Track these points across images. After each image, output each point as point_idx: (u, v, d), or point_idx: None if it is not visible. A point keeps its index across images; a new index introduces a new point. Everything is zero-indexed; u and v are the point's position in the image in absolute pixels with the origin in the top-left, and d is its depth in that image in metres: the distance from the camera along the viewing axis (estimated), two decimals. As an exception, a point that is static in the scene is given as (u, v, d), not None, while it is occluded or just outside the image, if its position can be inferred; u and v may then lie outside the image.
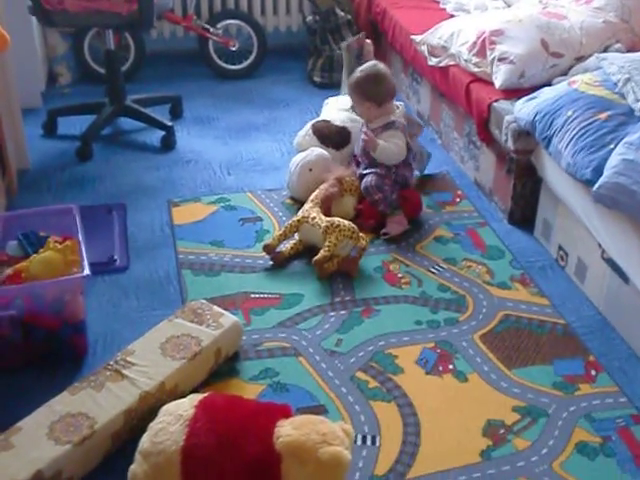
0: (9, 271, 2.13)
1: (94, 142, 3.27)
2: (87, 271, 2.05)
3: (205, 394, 1.82)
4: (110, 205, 2.87)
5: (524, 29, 2.84)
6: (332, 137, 3.04)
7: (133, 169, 3.15)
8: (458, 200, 2.93)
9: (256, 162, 3.22)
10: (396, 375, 2.09)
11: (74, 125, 3.46)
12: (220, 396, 1.82)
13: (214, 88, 3.98)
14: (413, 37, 3.31)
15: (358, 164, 2.87)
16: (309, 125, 3.09)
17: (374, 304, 2.37)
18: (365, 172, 2.78)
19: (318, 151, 2.92)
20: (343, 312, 2.33)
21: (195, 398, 1.79)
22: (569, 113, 2.35)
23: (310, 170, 2.85)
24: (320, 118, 3.13)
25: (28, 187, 3.00)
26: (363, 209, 2.77)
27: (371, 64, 2.84)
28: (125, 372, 1.93)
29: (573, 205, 2.38)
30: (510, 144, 2.60)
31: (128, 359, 1.97)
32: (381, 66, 2.82)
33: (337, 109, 3.18)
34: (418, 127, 3.02)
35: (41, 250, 2.16)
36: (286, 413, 1.76)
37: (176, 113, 3.61)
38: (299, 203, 2.83)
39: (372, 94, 2.76)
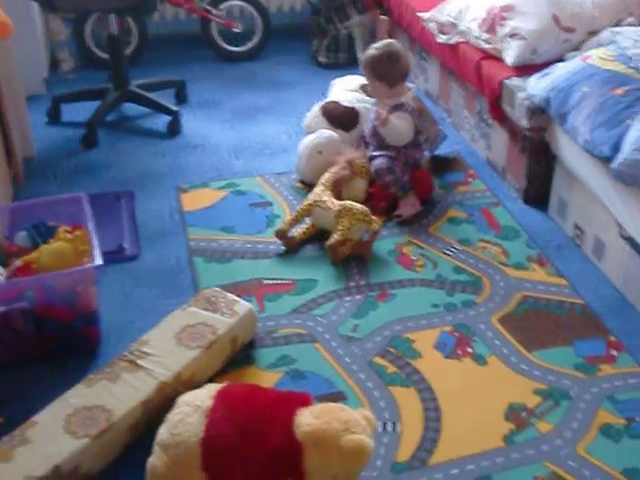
0: (19, 262, 2.10)
1: (99, 129, 3.23)
2: (99, 261, 2.01)
3: (223, 384, 1.80)
4: (118, 193, 2.83)
5: (535, 4, 2.78)
6: (341, 118, 2.99)
7: (139, 155, 3.11)
8: (470, 180, 2.88)
9: (264, 145, 3.17)
10: (414, 360, 2.06)
11: (78, 112, 3.41)
12: (238, 386, 1.80)
13: (218, 71, 3.93)
14: (420, 14, 3.25)
15: (367, 146, 2.82)
16: (317, 106, 3.04)
17: (389, 288, 2.34)
18: (375, 154, 2.74)
19: (327, 133, 2.87)
20: (358, 297, 2.30)
21: (213, 388, 1.76)
22: (584, 89, 2.30)
23: (320, 152, 2.81)
24: (328, 99, 3.09)
25: (34, 176, 2.96)
26: (374, 192, 2.73)
27: (386, 42, 2.78)
28: (140, 362, 1.90)
29: (590, 182, 2.33)
30: (524, 122, 2.56)
31: (143, 349, 1.95)
32: (397, 46, 2.75)
33: (345, 90, 3.13)
34: (432, 124, 2.93)
35: (51, 240, 2.13)
36: (306, 401, 1.73)
37: (181, 97, 3.56)
38: (309, 186, 2.79)
39: (384, 74, 2.71)
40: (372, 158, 2.74)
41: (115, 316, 2.24)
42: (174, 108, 3.28)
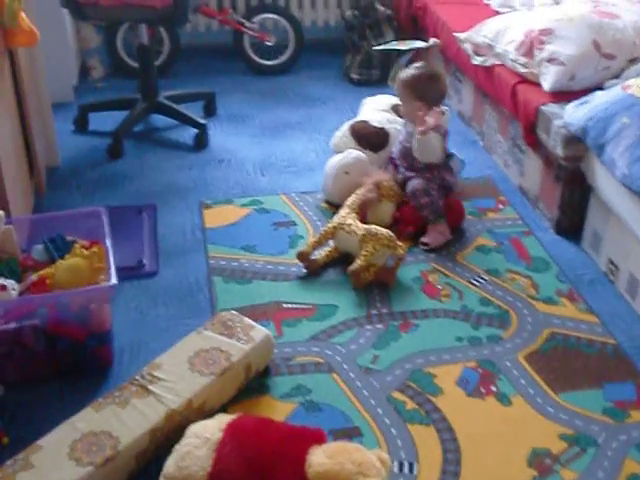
0: (34, 277, 2.05)
1: (125, 139, 3.20)
2: (114, 280, 1.96)
3: (234, 416, 1.73)
4: (140, 206, 2.79)
5: (575, 28, 2.69)
6: (370, 138, 2.92)
7: (165, 168, 3.07)
8: (501, 207, 2.80)
9: (290, 162, 3.11)
10: (435, 396, 1.98)
11: (106, 121, 3.39)
12: (249, 418, 1.73)
13: (249, 84, 3.89)
14: (456, 34, 3.18)
15: (396, 168, 2.75)
16: (347, 125, 2.98)
17: (412, 318, 2.26)
18: (410, 175, 2.66)
19: (355, 153, 2.80)
20: (379, 326, 2.22)
21: (223, 420, 1.70)
22: (624, 120, 2.21)
23: (347, 173, 2.74)
24: (358, 118, 3.02)
25: (57, 185, 2.93)
26: (402, 215, 2.65)
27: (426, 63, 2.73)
28: (151, 388, 1.84)
29: (627, 217, 2.24)
30: (559, 150, 2.47)
31: (154, 373, 1.89)
32: (437, 66, 2.69)
33: (376, 109, 3.06)
34: (457, 163, 2.82)
35: (67, 256, 2.08)
36: (319, 439, 1.67)
37: (210, 110, 3.52)
38: (335, 207, 2.72)
39: (424, 94, 2.62)
40: (406, 179, 2.67)
41: (130, 335, 2.18)
42: (202, 121, 3.24)
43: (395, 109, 3.04)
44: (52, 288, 2.03)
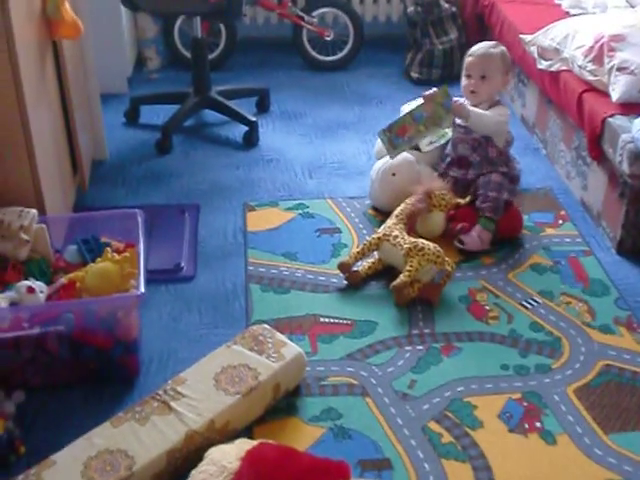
0: (64, 280, 1.99)
1: (175, 134, 3.13)
2: (142, 289, 1.88)
3: (254, 443, 1.64)
4: (183, 205, 2.71)
5: (649, 35, 2.51)
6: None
7: (212, 166, 2.99)
8: (561, 222, 2.63)
9: (340, 165, 3.00)
10: (474, 430, 1.85)
11: (157, 114, 3.34)
12: (270, 448, 1.63)
13: (305, 80, 3.78)
14: (522, 36, 3.01)
15: (450, 166, 2.64)
16: None
17: (456, 340, 2.13)
18: (477, 173, 2.58)
19: (402, 154, 2.68)
20: (420, 347, 2.10)
21: (243, 447, 1.60)
22: (699, 139, 2.03)
23: (393, 175, 2.62)
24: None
25: (103, 180, 2.88)
26: (457, 213, 2.53)
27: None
28: (173, 405, 1.76)
29: (695, 244, 2.06)
30: (625, 166, 2.29)
31: (178, 389, 1.81)
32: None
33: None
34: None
35: (98, 260, 2.02)
36: (344, 474, 1.56)
37: (263, 106, 3.43)
38: (382, 215, 2.61)
39: (510, 68, 2.61)
40: (466, 181, 2.60)
41: (160, 343, 2.11)
42: (252, 119, 3.14)
43: None
44: (81, 292, 1.97)
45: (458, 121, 2.59)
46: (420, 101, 2.63)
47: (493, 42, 2.64)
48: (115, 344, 1.93)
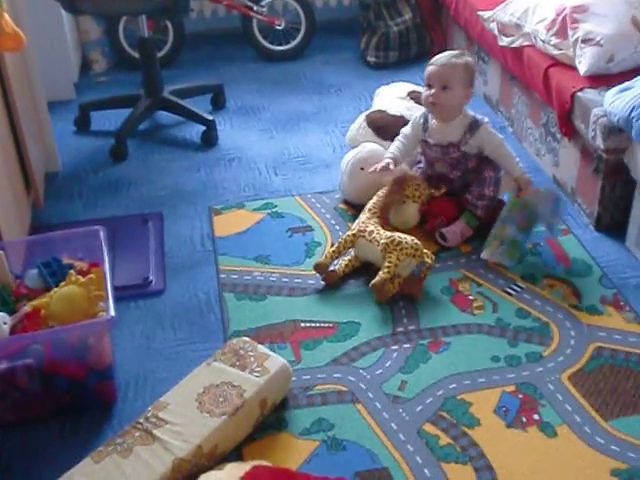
0: (27, 308, 1.87)
1: (129, 139, 3.00)
2: (112, 312, 1.77)
3: (247, 467, 1.55)
4: (146, 215, 2.60)
5: (611, 4, 2.45)
6: (389, 128, 2.69)
7: (171, 170, 2.87)
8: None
9: (305, 159, 2.91)
10: (471, 428, 1.78)
11: (109, 119, 3.21)
12: (266, 471, 1.54)
13: (259, 71, 3.67)
14: (481, 13, 2.94)
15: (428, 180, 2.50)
16: (362, 117, 2.77)
17: (442, 335, 2.06)
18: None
19: (370, 146, 2.59)
20: (407, 345, 2.03)
21: (234, 473, 1.52)
22: (675, 109, 1.98)
23: (362, 169, 2.53)
24: (374, 108, 2.81)
25: (58, 193, 2.75)
26: (431, 208, 2.43)
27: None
28: (156, 433, 1.66)
29: (678, 217, 2.02)
30: (599, 142, 2.24)
31: (160, 415, 1.71)
32: None
33: (391, 98, 2.84)
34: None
35: (62, 283, 1.90)
36: (343, 492, 1.48)
37: (218, 102, 3.32)
38: (354, 208, 2.53)
39: (473, 81, 2.38)
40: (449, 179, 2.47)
41: (135, 364, 2.01)
42: (209, 117, 3.03)
43: (412, 96, 2.82)
44: (47, 320, 1.85)
45: (433, 141, 2.41)
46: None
47: (457, 51, 2.41)
48: (88, 372, 1.82)
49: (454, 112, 2.37)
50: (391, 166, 2.38)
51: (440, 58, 2.36)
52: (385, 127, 2.70)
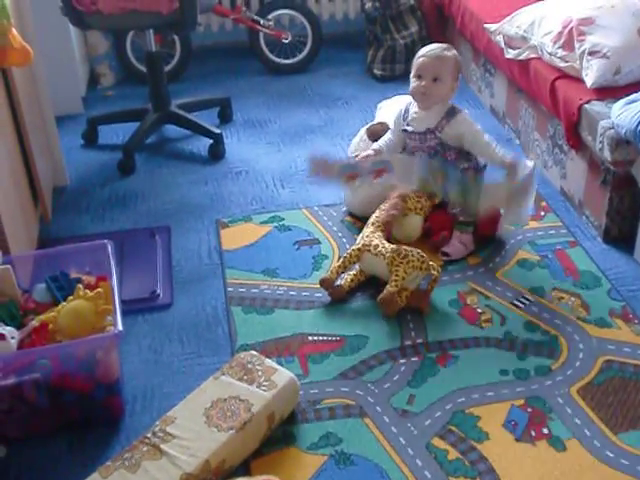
0: (35, 323, 1.88)
1: (137, 153, 3.01)
2: (120, 327, 1.77)
3: (256, 482, 1.54)
4: (153, 228, 2.60)
5: (618, 17, 2.45)
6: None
7: (179, 184, 2.88)
8: (543, 214, 2.57)
9: (312, 172, 2.91)
10: (480, 442, 1.77)
11: (116, 133, 3.23)
12: (273, 487, 1.54)
13: (266, 85, 3.68)
14: (487, 26, 2.94)
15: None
16: (363, 130, 2.78)
17: (451, 348, 2.05)
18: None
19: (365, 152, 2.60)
20: (415, 359, 2.02)
21: (244, 491, 1.51)
22: (682, 121, 1.97)
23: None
24: (375, 121, 2.81)
25: (65, 207, 2.76)
26: (432, 224, 2.45)
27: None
28: (164, 447, 1.66)
29: (686, 229, 2.01)
30: (606, 154, 2.23)
31: (168, 430, 1.70)
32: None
33: (392, 111, 2.84)
34: None
35: (70, 298, 1.91)
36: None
37: (225, 116, 3.33)
38: (361, 221, 2.52)
39: (459, 74, 2.44)
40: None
41: (143, 378, 2.00)
42: (216, 131, 3.04)
43: None
44: (55, 334, 1.85)
45: (411, 129, 2.43)
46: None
47: (445, 44, 2.44)
48: (96, 387, 1.82)
49: (443, 104, 2.41)
50: (373, 154, 2.42)
51: (431, 50, 2.40)
52: (385, 139, 2.71)
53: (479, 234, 2.43)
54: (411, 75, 2.43)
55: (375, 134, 2.71)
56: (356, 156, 2.46)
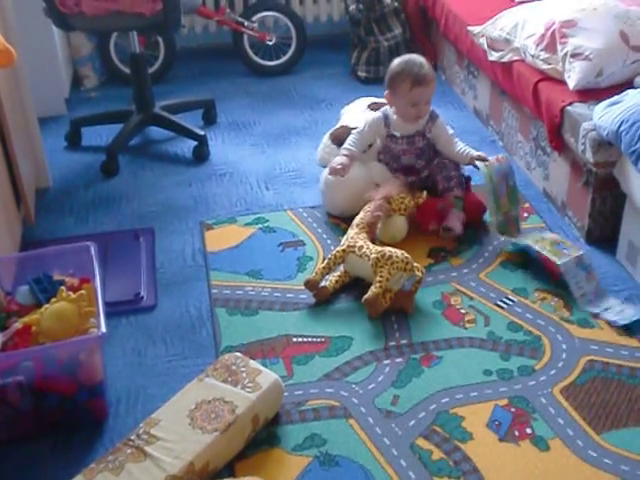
0: (18, 325, 1.86)
1: (120, 155, 3.00)
2: (103, 329, 1.77)
3: (240, 485, 1.54)
4: (137, 230, 2.59)
5: (600, 19, 2.47)
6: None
7: (163, 185, 2.87)
8: (526, 215, 2.58)
9: (297, 174, 2.91)
10: (464, 442, 1.78)
11: (100, 135, 3.21)
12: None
13: (250, 86, 3.68)
14: (470, 28, 2.96)
15: (395, 173, 2.58)
16: (327, 135, 2.80)
17: (434, 349, 2.06)
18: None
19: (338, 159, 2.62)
20: (399, 360, 2.03)
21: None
22: (663, 123, 1.99)
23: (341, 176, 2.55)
24: (337, 126, 2.83)
25: (49, 209, 2.74)
26: (422, 215, 2.49)
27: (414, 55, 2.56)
28: (148, 450, 1.66)
29: (667, 230, 2.03)
30: (589, 155, 2.25)
31: (152, 432, 1.70)
32: None
33: (353, 114, 2.89)
34: None
35: (53, 300, 1.90)
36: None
37: (209, 118, 3.32)
38: (345, 222, 2.52)
39: None
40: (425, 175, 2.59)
41: (126, 380, 2.00)
42: (201, 132, 3.03)
43: (372, 107, 2.86)
44: (38, 336, 1.84)
45: (397, 133, 2.54)
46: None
47: (421, 60, 2.49)
48: (79, 389, 1.81)
49: None
50: (346, 162, 2.51)
51: (421, 76, 2.45)
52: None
53: (467, 221, 2.50)
54: (403, 101, 2.48)
55: (339, 138, 2.73)
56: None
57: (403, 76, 2.46)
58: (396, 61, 2.52)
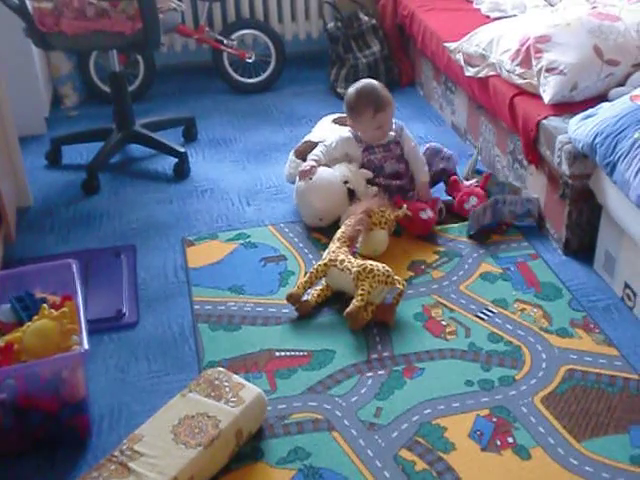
0: (0, 343, 1.86)
1: (101, 173, 3.01)
2: (86, 346, 1.77)
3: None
4: (118, 247, 2.60)
5: (573, 34, 2.52)
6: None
7: (144, 203, 2.88)
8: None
9: (278, 189, 2.93)
10: (447, 453, 1.79)
11: (80, 153, 3.22)
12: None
13: (230, 104, 3.71)
14: (447, 45, 3.00)
15: (378, 178, 2.67)
16: (291, 152, 2.83)
17: (416, 361, 2.07)
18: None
19: (305, 163, 2.69)
20: (381, 372, 2.04)
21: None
22: (636, 135, 2.03)
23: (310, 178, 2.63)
24: (301, 142, 2.87)
25: (30, 227, 2.74)
26: (406, 223, 2.58)
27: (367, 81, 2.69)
28: (132, 465, 1.66)
29: (642, 240, 2.06)
30: (565, 168, 2.29)
31: (135, 448, 1.70)
32: None
33: (319, 129, 2.92)
34: None
35: (35, 317, 1.90)
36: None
37: (190, 135, 3.34)
38: (327, 237, 2.54)
39: None
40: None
41: (109, 397, 1.99)
42: (181, 149, 3.05)
43: (337, 121, 2.90)
44: (20, 354, 1.84)
45: (375, 144, 2.65)
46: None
47: (374, 84, 2.62)
48: (62, 406, 1.81)
49: None
50: (314, 164, 2.62)
51: (382, 102, 2.58)
52: (312, 153, 2.78)
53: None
54: (367, 126, 2.61)
55: (303, 153, 2.77)
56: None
57: (364, 105, 2.58)
58: (352, 90, 2.63)
